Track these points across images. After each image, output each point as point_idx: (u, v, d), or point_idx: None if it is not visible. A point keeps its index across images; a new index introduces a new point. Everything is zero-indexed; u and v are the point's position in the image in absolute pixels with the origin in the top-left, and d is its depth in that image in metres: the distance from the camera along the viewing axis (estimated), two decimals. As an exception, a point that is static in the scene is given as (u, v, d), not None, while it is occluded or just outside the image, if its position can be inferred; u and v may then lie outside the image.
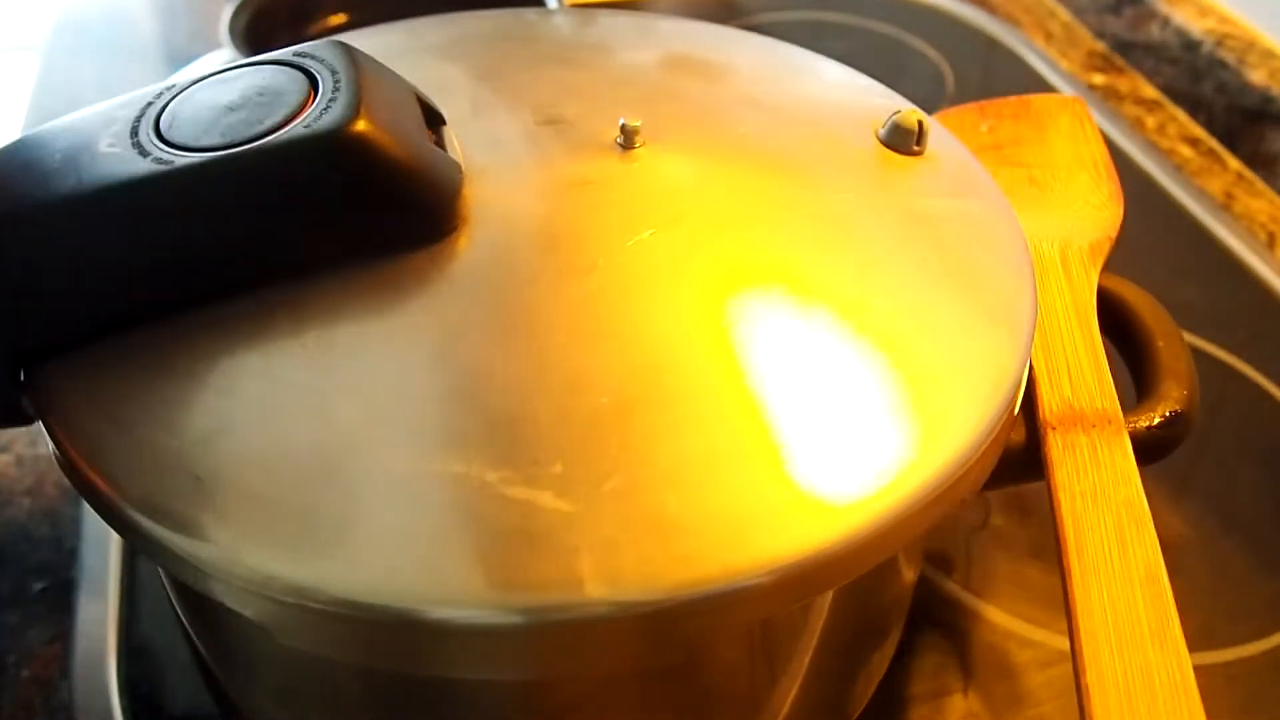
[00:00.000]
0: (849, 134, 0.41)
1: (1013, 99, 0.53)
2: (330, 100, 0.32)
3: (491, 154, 0.37)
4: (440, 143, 0.36)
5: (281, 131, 0.32)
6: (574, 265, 0.34)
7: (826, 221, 0.37)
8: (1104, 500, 0.35)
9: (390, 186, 0.33)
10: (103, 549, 0.49)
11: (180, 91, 0.34)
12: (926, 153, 0.40)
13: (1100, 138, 0.50)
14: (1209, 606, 0.48)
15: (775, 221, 0.36)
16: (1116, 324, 0.42)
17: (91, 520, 0.51)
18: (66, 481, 0.52)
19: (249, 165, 0.31)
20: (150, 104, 0.34)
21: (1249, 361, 0.59)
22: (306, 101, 0.33)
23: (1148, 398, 0.39)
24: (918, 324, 0.33)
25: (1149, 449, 0.38)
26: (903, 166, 0.39)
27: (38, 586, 0.49)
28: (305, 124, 0.32)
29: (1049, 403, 0.38)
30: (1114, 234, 0.45)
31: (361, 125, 0.32)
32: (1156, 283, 0.45)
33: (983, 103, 0.53)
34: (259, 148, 0.31)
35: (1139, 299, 0.42)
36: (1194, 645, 0.46)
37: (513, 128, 0.39)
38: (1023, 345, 0.34)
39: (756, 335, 0.32)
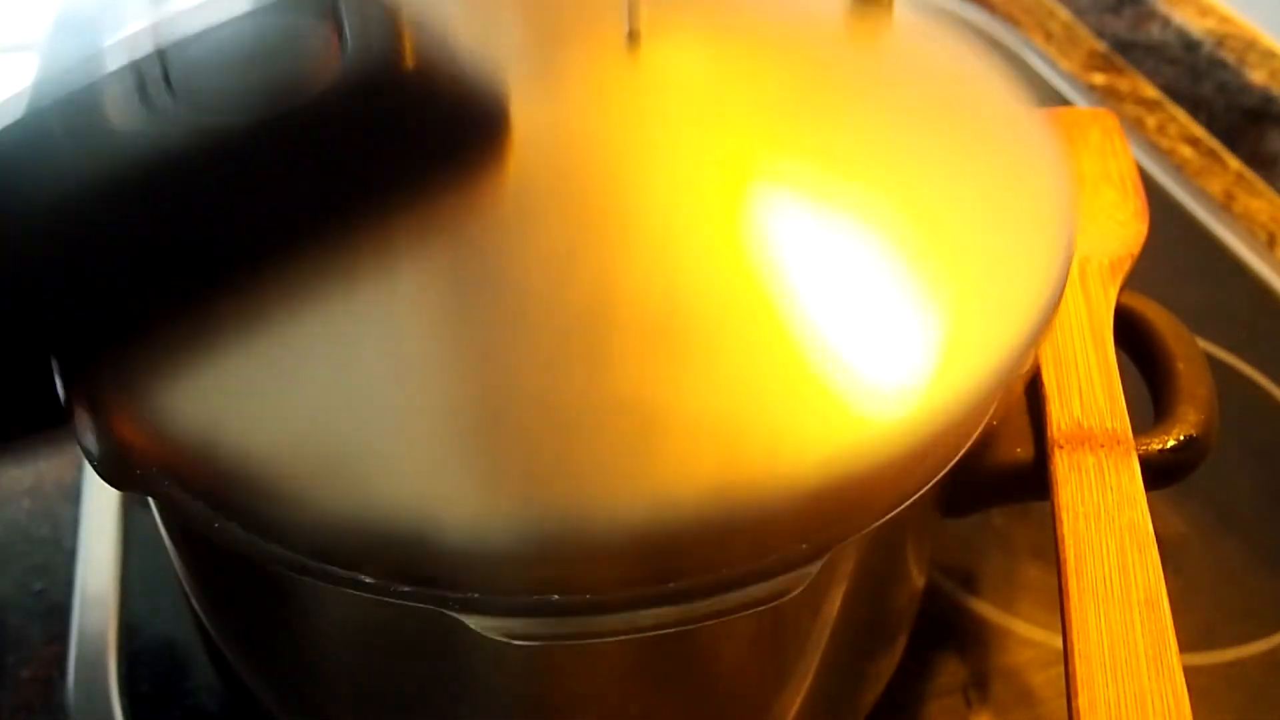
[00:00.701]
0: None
1: (1043, 110, 0.52)
2: (364, 34, 0.30)
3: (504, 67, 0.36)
4: None
5: (341, 72, 0.30)
6: (650, 164, 0.34)
7: (844, 83, 0.37)
8: (1107, 522, 0.35)
9: (464, 106, 0.32)
10: (102, 549, 0.49)
11: (166, 58, 0.31)
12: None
13: (1129, 152, 0.50)
14: (1209, 606, 0.48)
15: (793, 91, 0.37)
16: (1138, 343, 0.42)
17: (91, 520, 0.51)
18: (66, 481, 0.53)
19: (327, 110, 0.29)
20: (144, 68, 0.31)
21: (1249, 361, 0.59)
22: (335, 41, 0.30)
23: (1163, 420, 0.39)
24: (951, 204, 0.34)
25: (1161, 473, 0.37)
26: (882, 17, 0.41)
27: (38, 586, 0.49)
28: (360, 60, 0.30)
29: (1058, 420, 0.37)
30: (1136, 251, 0.44)
31: (419, 52, 0.30)
32: (1156, 283, 0.45)
33: None
34: (333, 90, 0.29)
35: (1162, 319, 0.42)
36: (1194, 645, 0.46)
37: (514, 39, 0.38)
38: (1065, 217, 0.34)
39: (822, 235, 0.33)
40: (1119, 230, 0.46)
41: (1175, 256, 0.66)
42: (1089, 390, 0.38)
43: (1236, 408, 0.57)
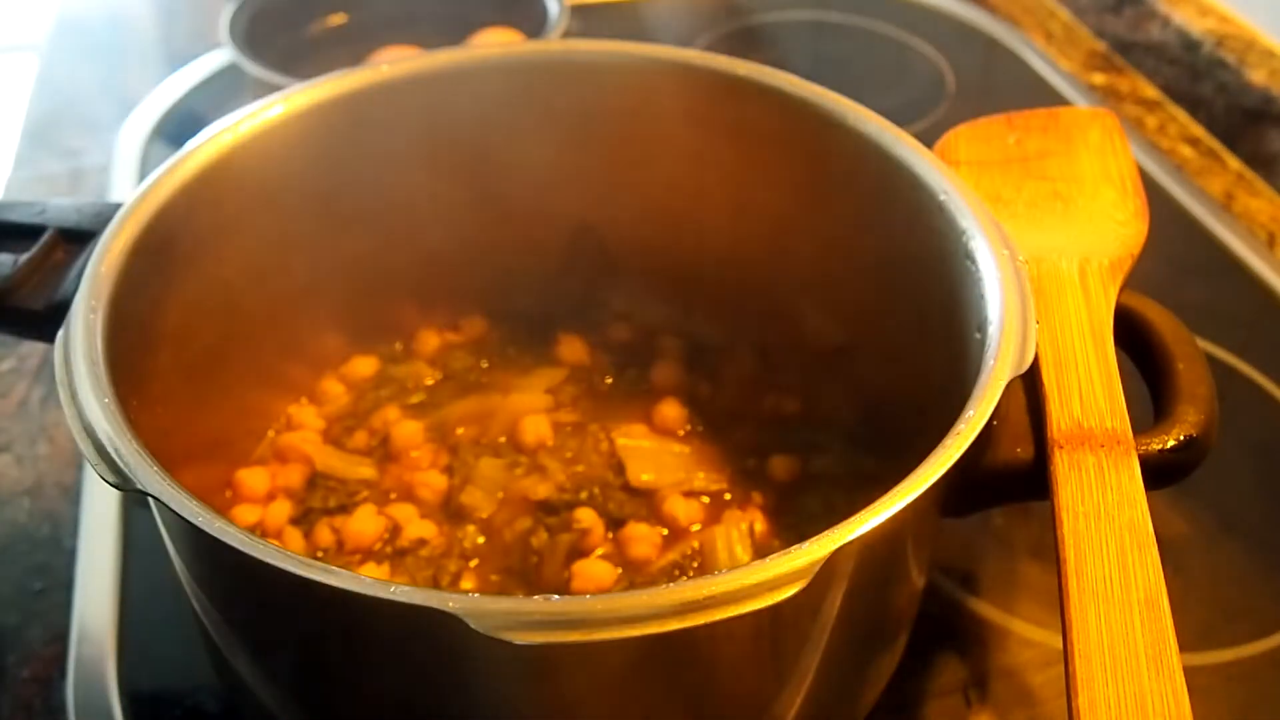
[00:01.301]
0: None
1: (1042, 111, 0.52)
2: None
3: None
4: None
5: None
6: None
7: None
8: (1107, 521, 0.35)
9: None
10: (102, 549, 0.49)
11: None
12: None
13: (1129, 152, 0.49)
14: (1209, 606, 0.48)
15: None
16: (1138, 343, 0.41)
17: (91, 520, 0.51)
18: (66, 481, 0.53)
19: None
20: None
21: (1249, 361, 0.59)
22: None
23: (1163, 420, 0.38)
24: None
25: (1162, 472, 0.37)
26: None
27: (38, 586, 0.49)
28: None
29: (1058, 421, 0.37)
30: (1136, 251, 0.44)
31: None
32: (1157, 283, 0.45)
33: (1011, 114, 0.52)
34: None
35: (1162, 319, 0.41)
36: (1194, 645, 0.46)
37: None
38: None
39: None
40: (1119, 230, 0.46)
41: (1175, 256, 0.66)
42: (1089, 390, 0.38)
43: (1236, 408, 0.57)
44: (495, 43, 0.69)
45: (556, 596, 0.29)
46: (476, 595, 0.29)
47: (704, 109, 0.48)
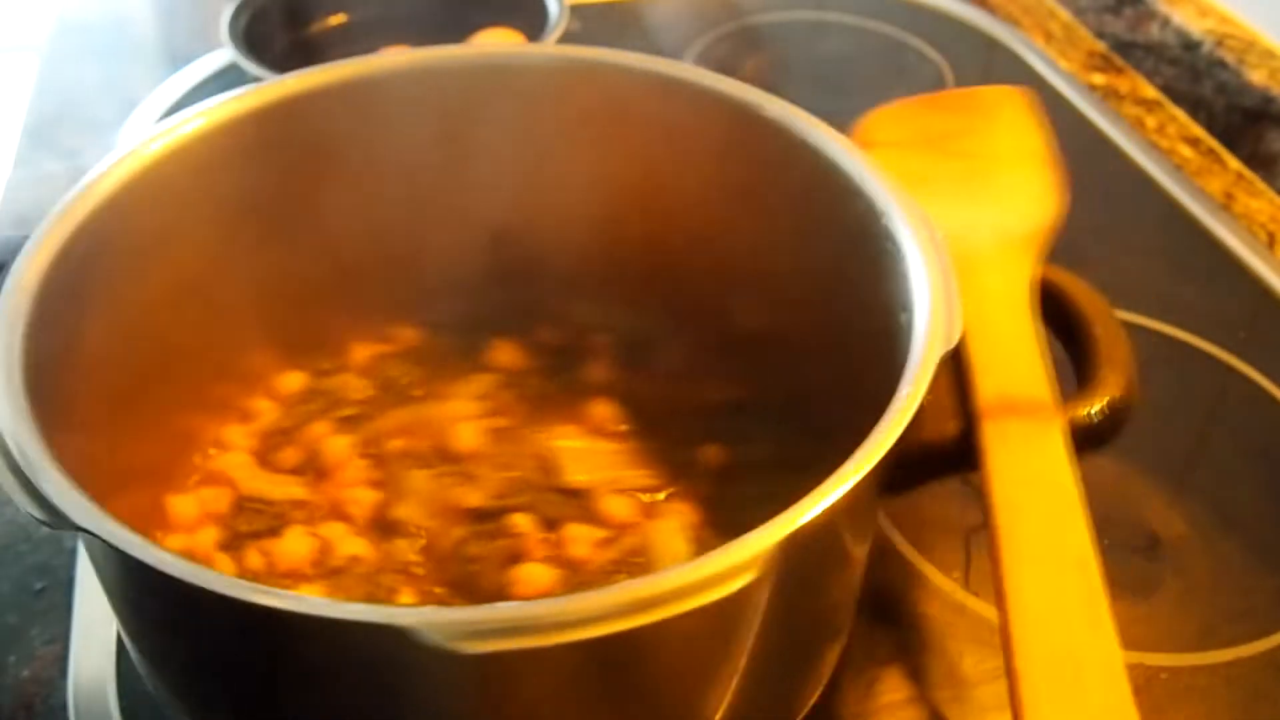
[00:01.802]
0: None
1: (959, 90, 0.53)
2: None
3: None
4: None
5: None
6: None
7: None
8: (1037, 486, 0.36)
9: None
10: (101, 549, 0.49)
11: None
12: None
13: (1043, 128, 0.51)
14: (1209, 606, 0.48)
15: None
16: (1059, 315, 0.42)
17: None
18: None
19: None
20: None
21: (1249, 361, 0.59)
22: None
23: (1085, 386, 0.40)
24: None
25: (1090, 437, 0.38)
26: None
27: (38, 586, 0.49)
28: None
29: (983, 391, 0.38)
30: (1054, 224, 0.46)
31: None
32: (1157, 283, 0.45)
33: (930, 95, 0.53)
34: None
35: (1078, 289, 0.43)
36: (1194, 645, 0.46)
37: None
38: None
39: None
40: (1035, 204, 0.47)
41: (1175, 256, 0.66)
42: (1011, 360, 0.39)
43: (1236, 408, 0.57)
44: (401, 50, 0.66)
45: (505, 604, 0.28)
46: (427, 608, 0.29)
47: (617, 105, 0.48)
